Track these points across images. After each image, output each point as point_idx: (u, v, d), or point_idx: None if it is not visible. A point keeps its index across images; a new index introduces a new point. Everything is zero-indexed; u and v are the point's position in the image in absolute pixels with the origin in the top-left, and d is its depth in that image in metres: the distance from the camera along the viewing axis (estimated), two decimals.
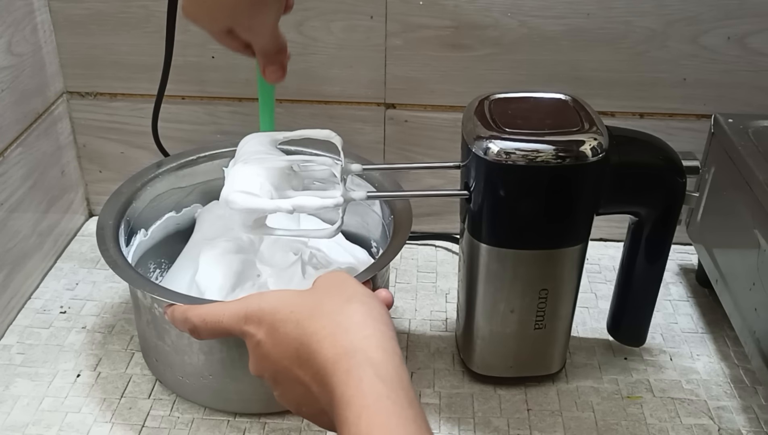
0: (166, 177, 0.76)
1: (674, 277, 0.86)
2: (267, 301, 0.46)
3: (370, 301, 0.44)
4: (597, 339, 0.77)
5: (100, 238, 0.66)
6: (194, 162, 0.77)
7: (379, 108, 0.85)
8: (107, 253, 0.64)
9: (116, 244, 0.66)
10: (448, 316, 0.80)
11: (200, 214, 0.78)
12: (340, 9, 0.79)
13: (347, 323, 0.42)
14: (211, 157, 0.78)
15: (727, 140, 0.72)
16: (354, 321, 0.42)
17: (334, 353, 0.41)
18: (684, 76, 0.81)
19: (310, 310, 0.43)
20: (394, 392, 0.39)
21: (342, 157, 0.64)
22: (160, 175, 0.75)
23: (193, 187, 0.78)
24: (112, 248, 0.65)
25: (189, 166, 0.77)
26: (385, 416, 0.38)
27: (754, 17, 0.77)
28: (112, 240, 0.66)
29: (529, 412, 0.69)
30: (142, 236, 0.74)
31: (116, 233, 0.67)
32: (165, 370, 0.68)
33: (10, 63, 0.75)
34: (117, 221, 0.69)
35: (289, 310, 0.44)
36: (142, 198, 0.73)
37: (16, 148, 0.77)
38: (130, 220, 0.72)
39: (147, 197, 0.74)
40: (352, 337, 0.41)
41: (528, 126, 0.59)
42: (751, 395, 0.71)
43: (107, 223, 0.68)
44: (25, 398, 0.69)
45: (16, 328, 0.77)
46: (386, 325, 0.43)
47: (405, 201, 0.71)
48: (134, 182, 0.73)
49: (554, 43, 0.80)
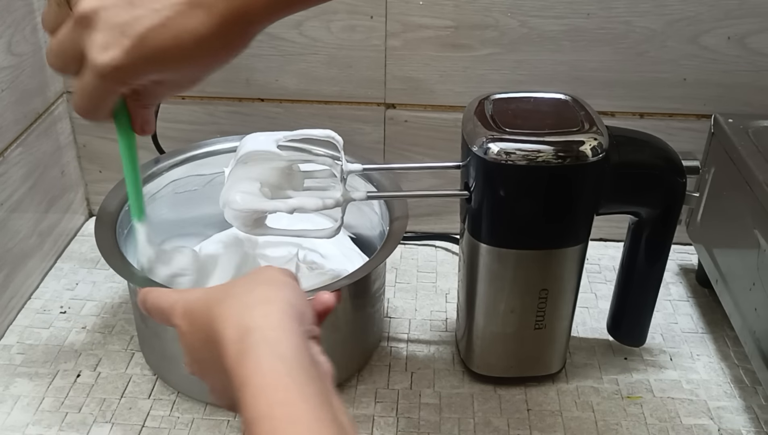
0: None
1: (674, 277, 0.86)
2: (195, 293, 0.45)
3: (282, 284, 0.43)
4: (597, 339, 0.77)
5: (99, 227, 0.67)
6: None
7: (379, 108, 0.85)
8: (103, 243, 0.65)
9: (113, 237, 0.66)
10: (448, 316, 0.80)
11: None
12: (340, 9, 0.79)
13: (251, 303, 0.41)
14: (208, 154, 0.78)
15: (727, 140, 0.72)
16: (257, 300, 0.41)
17: (234, 333, 0.39)
18: (684, 76, 0.81)
19: (222, 294, 0.42)
20: (294, 370, 0.37)
21: (342, 157, 0.64)
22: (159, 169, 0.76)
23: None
24: (109, 239, 0.66)
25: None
26: (284, 393, 0.36)
27: (754, 17, 0.77)
28: (110, 233, 0.67)
29: (529, 412, 0.69)
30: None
31: (114, 227, 0.68)
32: (167, 366, 0.68)
33: (10, 63, 0.75)
34: (115, 216, 0.69)
35: (205, 299, 0.43)
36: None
37: (16, 148, 0.77)
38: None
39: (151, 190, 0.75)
40: (251, 317, 0.40)
41: (528, 126, 0.59)
42: (751, 395, 0.71)
43: (106, 214, 0.69)
44: (25, 398, 0.69)
45: (16, 328, 0.77)
46: (291, 306, 0.41)
47: (402, 203, 0.71)
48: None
49: (554, 43, 0.80)
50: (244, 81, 0.84)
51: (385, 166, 0.82)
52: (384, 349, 0.75)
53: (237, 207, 0.61)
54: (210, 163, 0.78)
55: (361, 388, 0.71)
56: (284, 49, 0.82)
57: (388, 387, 0.71)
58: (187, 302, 0.44)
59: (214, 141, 0.79)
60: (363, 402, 0.69)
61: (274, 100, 0.85)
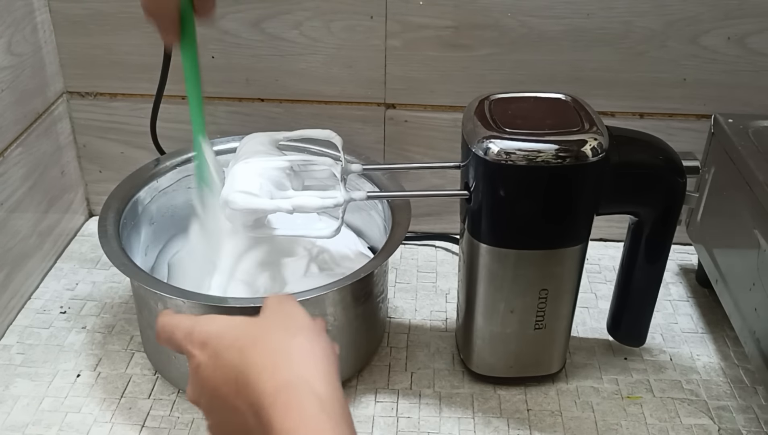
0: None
1: (674, 277, 0.86)
2: (216, 324, 0.45)
3: (315, 336, 0.44)
4: (597, 339, 0.77)
5: (101, 229, 0.67)
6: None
7: (379, 108, 0.85)
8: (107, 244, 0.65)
9: (117, 238, 0.67)
10: (448, 316, 0.80)
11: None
12: (340, 9, 0.79)
13: (289, 356, 0.42)
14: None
15: (727, 140, 0.72)
16: (296, 355, 0.42)
17: (273, 385, 0.40)
18: (684, 76, 0.81)
19: (254, 340, 0.43)
20: (338, 426, 0.39)
21: (342, 157, 0.64)
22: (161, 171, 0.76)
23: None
24: (113, 241, 0.66)
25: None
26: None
27: (754, 17, 0.77)
28: (114, 235, 0.67)
29: (529, 412, 0.69)
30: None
31: (117, 227, 0.68)
32: (168, 363, 0.68)
33: (10, 63, 0.75)
34: (117, 216, 0.69)
35: (234, 337, 0.43)
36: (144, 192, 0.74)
37: (16, 148, 0.77)
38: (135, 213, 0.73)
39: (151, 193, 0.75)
40: (294, 371, 0.41)
41: (528, 126, 0.59)
42: (751, 395, 0.71)
43: (109, 216, 0.69)
44: (25, 398, 0.69)
45: (16, 328, 0.77)
46: (329, 363, 0.42)
47: (405, 202, 0.71)
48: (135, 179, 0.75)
49: (554, 43, 0.80)
50: (244, 81, 0.84)
51: (385, 166, 0.82)
52: (384, 349, 0.75)
53: (237, 207, 0.61)
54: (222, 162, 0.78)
55: (361, 388, 0.71)
56: (284, 49, 0.82)
57: (388, 387, 0.71)
58: (208, 335, 0.44)
59: (227, 139, 0.79)
60: (363, 402, 0.69)
61: (274, 100, 0.85)
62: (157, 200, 0.76)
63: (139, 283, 0.64)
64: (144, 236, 0.75)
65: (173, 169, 0.77)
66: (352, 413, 0.67)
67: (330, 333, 0.62)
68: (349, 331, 0.68)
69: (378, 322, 0.74)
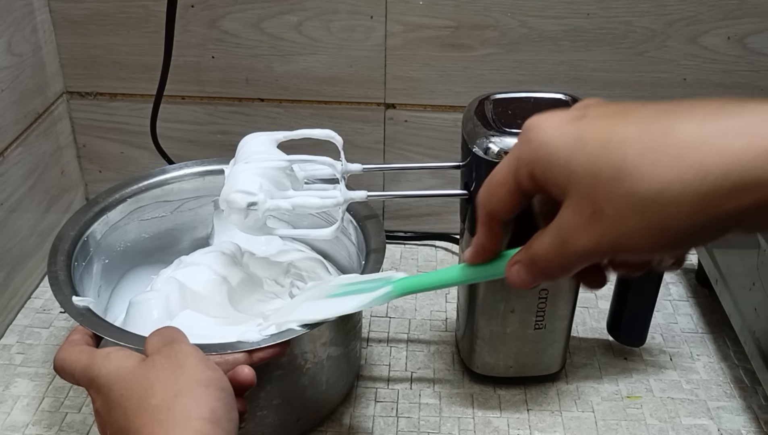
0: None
1: (674, 277, 0.86)
2: (108, 367, 0.46)
3: (202, 391, 0.43)
4: (597, 339, 0.77)
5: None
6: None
7: (379, 108, 0.85)
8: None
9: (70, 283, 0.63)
10: (448, 316, 0.80)
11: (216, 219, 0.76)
12: (340, 9, 0.79)
13: (169, 423, 0.41)
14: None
15: None
16: (177, 421, 0.41)
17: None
18: (684, 76, 0.81)
19: (138, 401, 0.43)
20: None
21: (342, 157, 0.64)
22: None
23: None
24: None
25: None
26: None
27: (754, 17, 0.77)
28: (66, 281, 0.63)
29: (529, 412, 0.69)
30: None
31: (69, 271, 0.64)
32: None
33: (10, 63, 0.75)
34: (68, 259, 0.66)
35: (120, 394, 0.44)
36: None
37: (16, 148, 0.77)
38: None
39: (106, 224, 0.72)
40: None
41: None
42: (751, 395, 0.71)
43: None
44: (25, 398, 0.69)
45: (16, 328, 0.77)
46: (212, 423, 0.42)
47: (379, 234, 0.67)
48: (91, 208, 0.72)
49: (554, 43, 0.80)
50: (244, 81, 0.84)
51: (385, 166, 0.82)
52: (384, 349, 0.75)
53: (237, 207, 0.61)
54: (176, 191, 0.74)
55: (361, 388, 0.71)
56: (284, 49, 0.82)
57: (388, 387, 0.71)
58: (100, 384, 0.45)
59: (180, 165, 0.75)
60: (363, 402, 0.69)
61: (274, 100, 0.85)
62: (117, 229, 0.72)
63: (106, 338, 0.56)
64: (95, 275, 0.70)
65: (123, 201, 0.73)
66: (353, 413, 0.68)
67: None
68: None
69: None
